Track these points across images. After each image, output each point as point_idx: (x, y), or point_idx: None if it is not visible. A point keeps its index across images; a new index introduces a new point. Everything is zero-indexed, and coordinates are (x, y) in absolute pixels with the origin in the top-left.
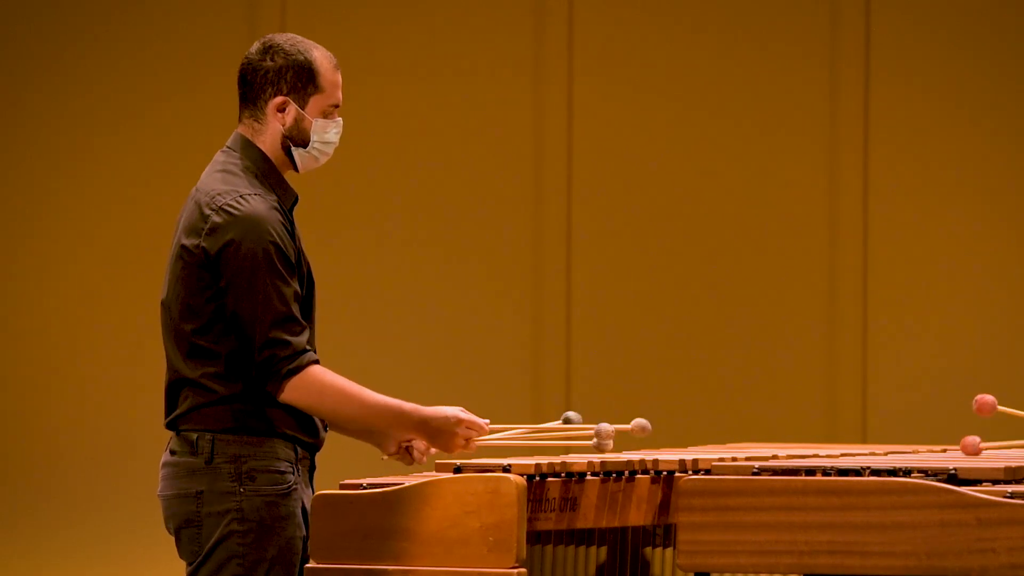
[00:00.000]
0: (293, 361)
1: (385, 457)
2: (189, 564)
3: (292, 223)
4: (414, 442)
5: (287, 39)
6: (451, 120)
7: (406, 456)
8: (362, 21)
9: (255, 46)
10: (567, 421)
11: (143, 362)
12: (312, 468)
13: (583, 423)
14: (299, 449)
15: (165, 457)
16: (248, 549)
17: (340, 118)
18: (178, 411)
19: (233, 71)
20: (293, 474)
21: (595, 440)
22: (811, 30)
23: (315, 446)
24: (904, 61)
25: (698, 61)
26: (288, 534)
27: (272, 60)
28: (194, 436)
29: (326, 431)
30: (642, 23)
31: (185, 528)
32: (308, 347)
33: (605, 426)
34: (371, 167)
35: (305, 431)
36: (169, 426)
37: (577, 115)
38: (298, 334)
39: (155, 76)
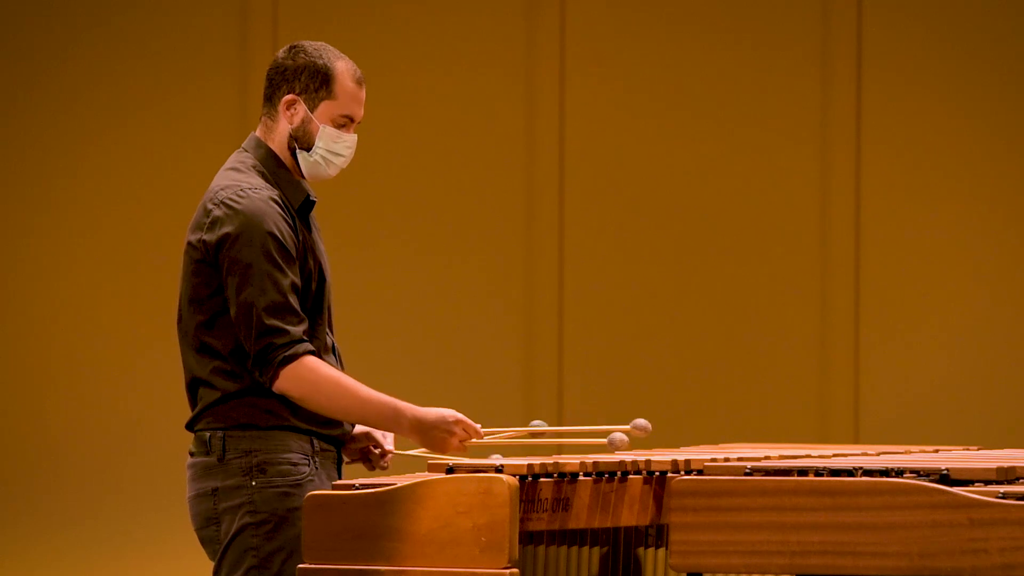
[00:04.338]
0: (289, 349)
1: (348, 461)
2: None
3: (295, 218)
4: (373, 448)
5: (315, 44)
6: (442, 120)
7: (366, 462)
8: (354, 21)
9: (284, 48)
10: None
11: (142, 362)
12: (339, 460)
13: (548, 426)
14: (316, 442)
15: (187, 459)
16: (262, 541)
17: (354, 135)
18: (194, 412)
19: (225, 72)
20: (308, 466)
21: (609, 445)
22: (803, 26)
23: (336, 439)
24: (896, 58)
25: (690, 56)
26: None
27: (293, 60)
28: (207, 435)
29: (352, 424)
30: (634, 18)
31: (206, 527)
32: (304, 337)
33: (619, 435)
34: (360, 167)
35: (321, 423)
36: (188, 427)
37: (569, 114)
38: (295, 324)
39: (148, 78)
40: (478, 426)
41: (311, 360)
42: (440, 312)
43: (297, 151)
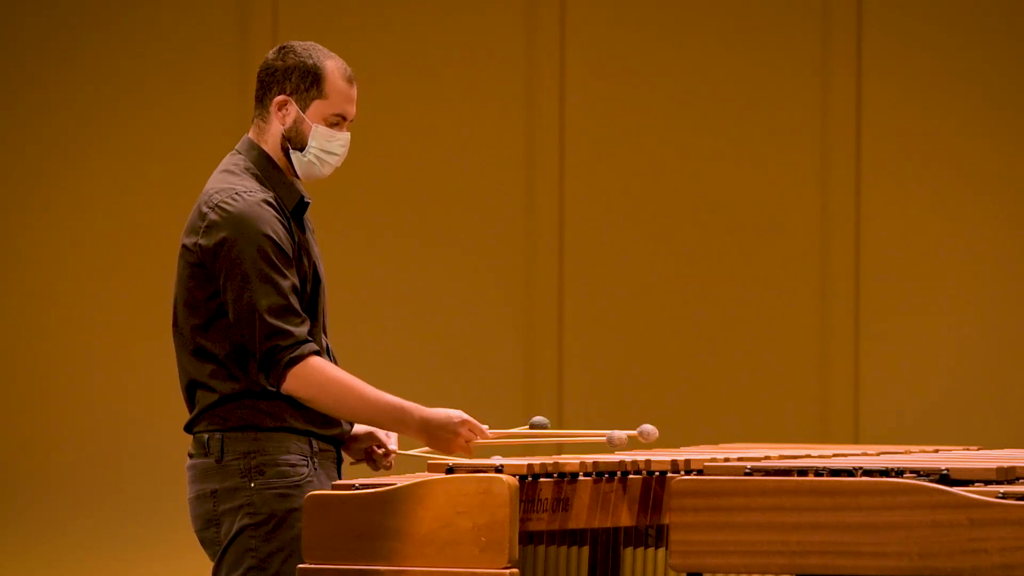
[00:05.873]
0: (294, 350)
1: (352, 462)
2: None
3: (289, 220)
4: (376, 448)
5: (304, 44)
6: (442, 120)
7: (370, 462)
8: (354, 21)
9: (274, 48)
10: (534, 427)
11: (142, 362)
12: (339, 460)
13: (551, 427)
14: (315, 442)
15: (186, 461)
16: (261, 542)
17: (347, 133)
18: (192, 414)
19: (225, 72)
20: (307, 467)
21: (608, 443)
22: (803, 26)
23: (334, 439)
24: (896, 58)
25: (690, 56)
26: (301, 526)
27: (283, 60)
28: (205, 437)
29: (351, 424)
30: (634, 18)
31: (206, 529)
32: (309, 338)
33: (618, 433)
34: (361, 166)
35: (319, 423)
36: (186, 429)
37: (569, 113)
38: (298, 325)
39: (148, 78)
40: (484, 427)
41: (317, 361)
42: (440, 312)
43: (291, 151)
